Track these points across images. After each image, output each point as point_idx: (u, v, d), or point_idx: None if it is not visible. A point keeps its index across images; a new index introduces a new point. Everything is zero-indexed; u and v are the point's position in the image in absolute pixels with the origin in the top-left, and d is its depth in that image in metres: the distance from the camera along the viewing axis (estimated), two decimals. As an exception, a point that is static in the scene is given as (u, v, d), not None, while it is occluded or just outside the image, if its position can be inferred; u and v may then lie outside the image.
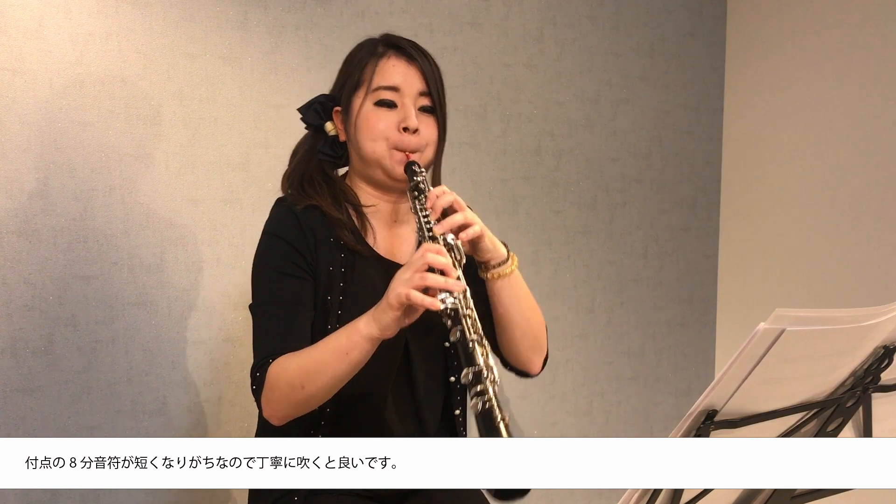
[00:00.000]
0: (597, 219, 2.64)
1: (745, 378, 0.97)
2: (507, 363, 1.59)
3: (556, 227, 2.56)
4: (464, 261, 1.37)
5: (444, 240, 1.37)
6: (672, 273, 2.82)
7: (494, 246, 1.46)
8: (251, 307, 1.52)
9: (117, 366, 1.92)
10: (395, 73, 1.49)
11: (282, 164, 1.60)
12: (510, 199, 2.46)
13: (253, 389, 1.42)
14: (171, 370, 1.99)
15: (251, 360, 1.51)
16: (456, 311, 1.28)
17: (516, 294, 1.50)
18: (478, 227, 1.42)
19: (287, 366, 1.38)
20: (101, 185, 1.88)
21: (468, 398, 1.22)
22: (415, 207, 1.44)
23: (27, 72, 1.80)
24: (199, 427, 2.04)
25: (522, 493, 1.12)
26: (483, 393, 1.19)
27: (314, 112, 1.56)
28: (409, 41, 1.53)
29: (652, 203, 2.76)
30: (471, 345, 1.25)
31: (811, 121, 2.65)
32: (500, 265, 1.47)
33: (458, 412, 1.61)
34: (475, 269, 1.50)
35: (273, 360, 1.40)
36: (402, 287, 1.29)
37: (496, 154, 2.43)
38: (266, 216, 1.56)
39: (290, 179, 1.58)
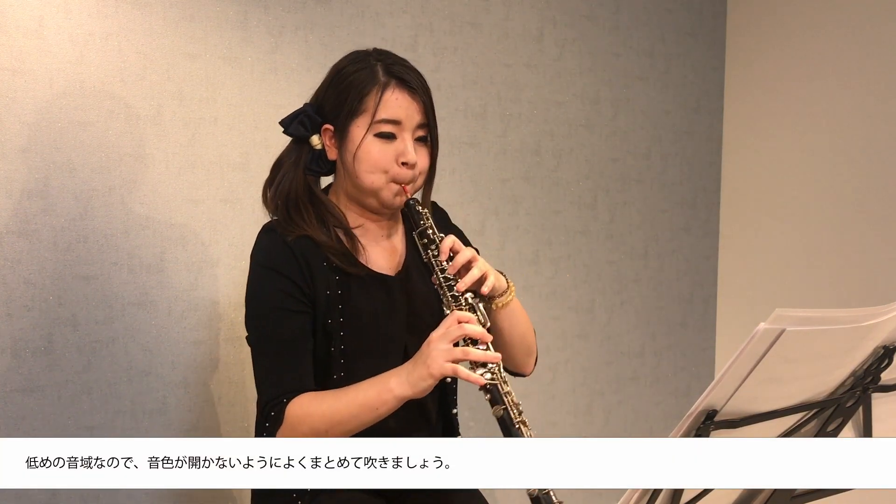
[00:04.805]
0: (597, 219, 2.64)
1: (745, 378, 0.97)
2: (504, 368, 1.65)
3: (556, 227, 2.56)
4: (488, 324, 1.46)
5: (467, 300, 1.45)
6: (672, 273, 2.82)
7: (498, 280, 1.53)
8: (250, 340, 1.53)
9: (117, 366, 1.92)
10: (398, 107, 1.48)
11: (282, 164, 1.62)
12: (510, 199, 2.46)
13: (265, 426, 1.43)
14: (171, 370, 1.98)
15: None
16: (496, 386, 1.38)
17: (515, 317, 1.59)
18: (492, 275, 1.49)
19: (311, 411, 1.41)
20: (101, 185, 1.88)
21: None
22: (428, 258, 1.49)
23: (27, 72, 1.79)
24: (199, 427, 2.03)
25: None
26: None
27: (299, 125, 1.54)
28: (408, 66, 1.52)
29: (652, 203, 2.76)
30: (516, 426, 1.36)
31: (811, 121, 2.65)
32: (502, 295, 1.55)
33: (455, 411, 1.66)
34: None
35: (288, 401, 1.42)
36: (443, 358, 1.36)
37: (496, 154, 2.43)
38: (266, 216, 1.57)
39: (273, 198, 1.57)
